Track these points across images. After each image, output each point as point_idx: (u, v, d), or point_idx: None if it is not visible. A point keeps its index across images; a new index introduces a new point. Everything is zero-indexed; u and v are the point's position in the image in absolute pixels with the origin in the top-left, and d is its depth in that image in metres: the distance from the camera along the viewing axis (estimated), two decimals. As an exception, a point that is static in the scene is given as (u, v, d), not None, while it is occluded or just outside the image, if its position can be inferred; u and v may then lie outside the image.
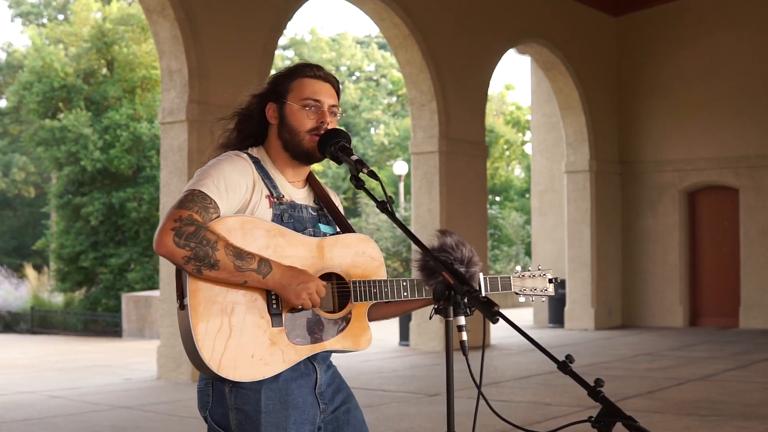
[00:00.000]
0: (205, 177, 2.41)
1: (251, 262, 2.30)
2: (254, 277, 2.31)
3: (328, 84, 2.59)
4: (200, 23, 9.72)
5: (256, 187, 2.47)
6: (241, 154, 2.52)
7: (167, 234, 2.25)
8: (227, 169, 2.44)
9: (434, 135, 12.70)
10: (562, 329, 15.87)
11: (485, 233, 13.63)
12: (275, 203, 2.49)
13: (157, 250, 2.29)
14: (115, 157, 20.27)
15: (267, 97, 2.60)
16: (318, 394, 2.49)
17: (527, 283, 2.80)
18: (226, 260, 2.27)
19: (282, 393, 2.39)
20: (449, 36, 13.05)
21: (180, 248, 2.24)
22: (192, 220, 2.28)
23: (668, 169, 16.24)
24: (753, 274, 15.53)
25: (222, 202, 2.37)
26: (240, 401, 2.37)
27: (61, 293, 21.25)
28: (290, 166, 2.58)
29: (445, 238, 2.51)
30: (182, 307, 2.32)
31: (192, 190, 2.36)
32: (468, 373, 2.24)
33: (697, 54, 16.06)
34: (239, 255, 2.29)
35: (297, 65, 2.61)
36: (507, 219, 29.88)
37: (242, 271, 2.29)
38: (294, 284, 2.33)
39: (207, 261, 2.26)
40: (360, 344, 2.51)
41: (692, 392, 8.40)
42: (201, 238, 2.26)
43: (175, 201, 2.35)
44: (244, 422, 2.38)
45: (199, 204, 2.33)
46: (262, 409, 2.36)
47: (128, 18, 21.87)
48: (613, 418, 1.96)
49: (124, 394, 8.99)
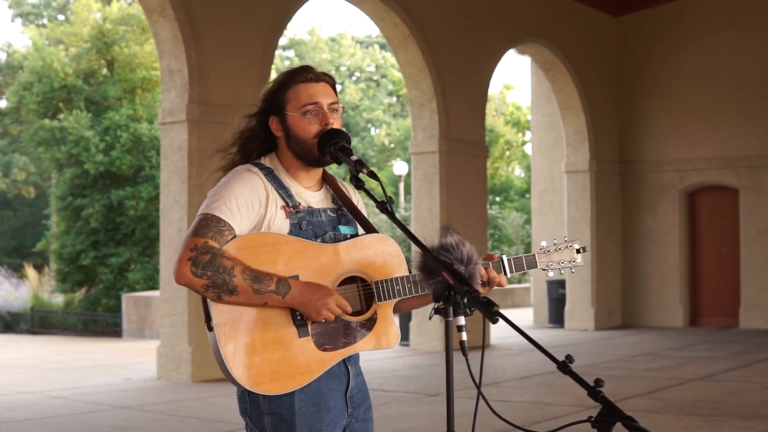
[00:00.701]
0: (216, 199, 2.42)
1: (269, 283, 2.34)
2: (274, 299, 2.35)
3: (322, 83, 2.57)
4: (200, 23, 9.72)
5: (270, 199, 2.48)
6: (252, 168, 2.52)
7: (184, 264, 2.29)
8: (238, 187, 2.44)
9: (434, 135, 12.70)
10: (562, 329, 15.88)
11: (485, 233, 13.63)
12: (292, 213, 2.49)
13: (177, 281, 2.33)
14: (117, 158, 20.27)
15: (267, 113, 2.58)
16: (348, 398, 2.54)
17: (554, 258, 2.76)
18: (244, 285, 2.31)
19: (315, 396, 2.44)
20: (449, 36, 13.05)
21: (198, 278, 2.29)
22: (207, 247, 2.31)
23: (668, 169, 16.24)
24: (753, 274, 15.53)
25: (236, 222, 2.40)
26: (274, 405, 2.43)
27: (61, 293, 21.24)
28: (304, 170, 2.58)
29: (446, 237, 2.50)
30: (210, 328, 2.37)
31: (205, 215, 2.39)
32: (468, 373, 2.24)
33: (697, 54, 16.07)
34: (256, 278, 2.33)
35: (285, 74, 2.59)
36: (507, 219, 29.89)
37: (261, 293, 2.33)
38: (313, 301, 2.37)
39: (225, 288, 2.30)
40: (389, 342, 2.55)
41: (692, 392, 8.40)
42: (217, 266, 2.30)
43: (189, 229, 2.38)
44: (279, 425, 2.43)
45: (213, 229, 2.36)
46: (296, 412, 2.42)
47: (128, 18, 21.86)
48: (613, 418, 1.96)
49: (124, 394, 8.98)
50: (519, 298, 24.25)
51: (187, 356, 9.39)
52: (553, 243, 2.78)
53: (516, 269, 2.69)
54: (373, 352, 11.80)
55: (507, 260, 2.66)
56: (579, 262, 2.78)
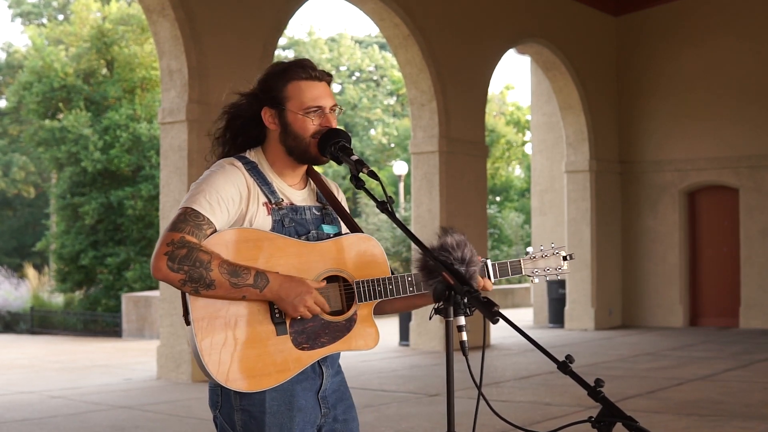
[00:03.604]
0: (197, 193, 2.39)
1: (247, 277, 2.31)
2: (251, 292, 2.32)
3: (324, 83, 2.55)
4: (200, 23, 9.72)
5: (252, 195, 2.45)
6: (234, 161, 2.48)
7: (161, 259, 2.27)
8: (219, 181, 2.41)
9: (434, 135, 12.70)
10: (562, 329, 15.87)
11: (485, 233, 13.63)
12: (274, 209, 2.47)
13: (154, 275, 2.31)
14: (115, 157, 20.27)
15: (261, 101, 2.54)
16: (321, 398, 2.50)
17: (539, 264, 2.72)
18: (221, 279, 2.28)
19: (287, 395, 2.41)
20: (449, 36, 13.05)
21: (174, 272, 2.27)
22: (184, 242, 2.29)
23: (668, 169, 16.24)
24: (753, 274, 15.53)
25: (216, 217, 2.37)
26: (245, 402, 2.40)
27: (61, 293, 21.25)
28: (290, 167, 2.55)
29: (446, 237, 2.49)
30: (188, 323, 2.35)
31: (185, 209, 2.36)
32: (468, 373, 2.24)
33: (697, 54, 16.07)
34: (234, 272, 2.30)
35: (289, 64, 2.55)
36: (507, 219, 29.90)
37: (239, 287, 2.30)
38: (291, 296, 2.34)
39: (202, 282, 2.28)
40: (368, 344, 2.52)
41: (692, 392, 8.40)
42: (194, 260, 2.27)
43: (170, 221, 2.35)
44: (249, 423, 2.40)
45: (191, 223, 2.33)
46: (267, 410, 2.39)
47: (128, 18, 21.86)
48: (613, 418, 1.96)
49: (124, 394, 8.98)
50: (519, 298, 24.26)
51: (187, 356, 9.39)
52: (539, 249, 2.74)
53: (501, 274, 2.66)
54: (372, 352, 11.82)
55: (492, 265, 2.63)
56: (565, 269, 2.74)
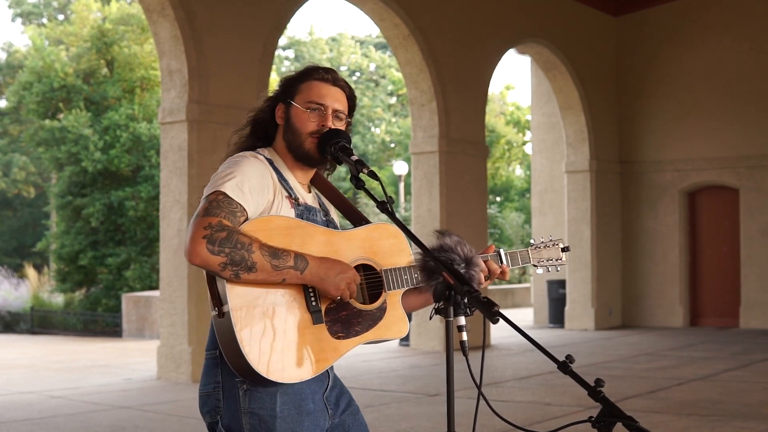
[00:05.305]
0: (226, 180, 2.33)
1: (287, 259, 2.27)
2: (292, 274, 2.28)
3: (337, 88, 2.55)
4: (200, 23, 9.72)
5: (277, 188, 2.44)
6: (257, 155, 2.47)
7: (199, 243, 2.18)
8: (248, 170, 2.38)
9: (434, 135, 12.70)
10: (562, 329, 15.87)
11: (485, 233, 13.63)
12: (295, 204, 2.47)
13: (191, 261, 2.21)
14: (116, 157, 20.27)
15: (278, 99, 2.57)
16: (325, 399, 2.49)
17: (543, 254, 2.78)
18: (263, 261, 2.23)
19: (297, 398, 2.38)
20: (449, 36, 13.05)
21: (215, 255, 2.18)
22: (222, 225, 2.22)
23: (668, 169, 16.24)
24: (753, 274, 15.53)
25: (248, 205, 2.32)
26: (255, 405, 2.35)
27: (61, 293, 21.24)
28: (298, 168, 2.55)
29: (445, 238, 2.50)
30: (221, 315, 2.27)
31: (216, 194, 2.28)
32: (468, 373, 2.24)
33: (697, 54, 16.07)
34: (275, 254, 2.26)
35: (309, 67, 2.57)
36: (507, 219, 29.90)
37: (279, 270, 2.26)
38: (332, 276, 2.32)
39: (244, 264, 2.21)
40: (400, 331, 2.51)
41: (692, 392, 8.40)
42: (235, 242, 2.20)
43: (199, 209, 2.28)
44: (258, 426, 2.35)
45: (225, 209, 2.27)
46: (277, 414, 2.34)
47: (128, 18, 21.85)
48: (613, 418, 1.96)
49: (124, 394, 8.98)
50: (519, 298, 24.25)
51: (187, 356, 9.39)
52: (540, 240, 2.80)
53: (512, 263, 2.70)
54: (372, 353, 11.82)
55: (504, 254, 2.67)
56: (564, 260, 2.81)
